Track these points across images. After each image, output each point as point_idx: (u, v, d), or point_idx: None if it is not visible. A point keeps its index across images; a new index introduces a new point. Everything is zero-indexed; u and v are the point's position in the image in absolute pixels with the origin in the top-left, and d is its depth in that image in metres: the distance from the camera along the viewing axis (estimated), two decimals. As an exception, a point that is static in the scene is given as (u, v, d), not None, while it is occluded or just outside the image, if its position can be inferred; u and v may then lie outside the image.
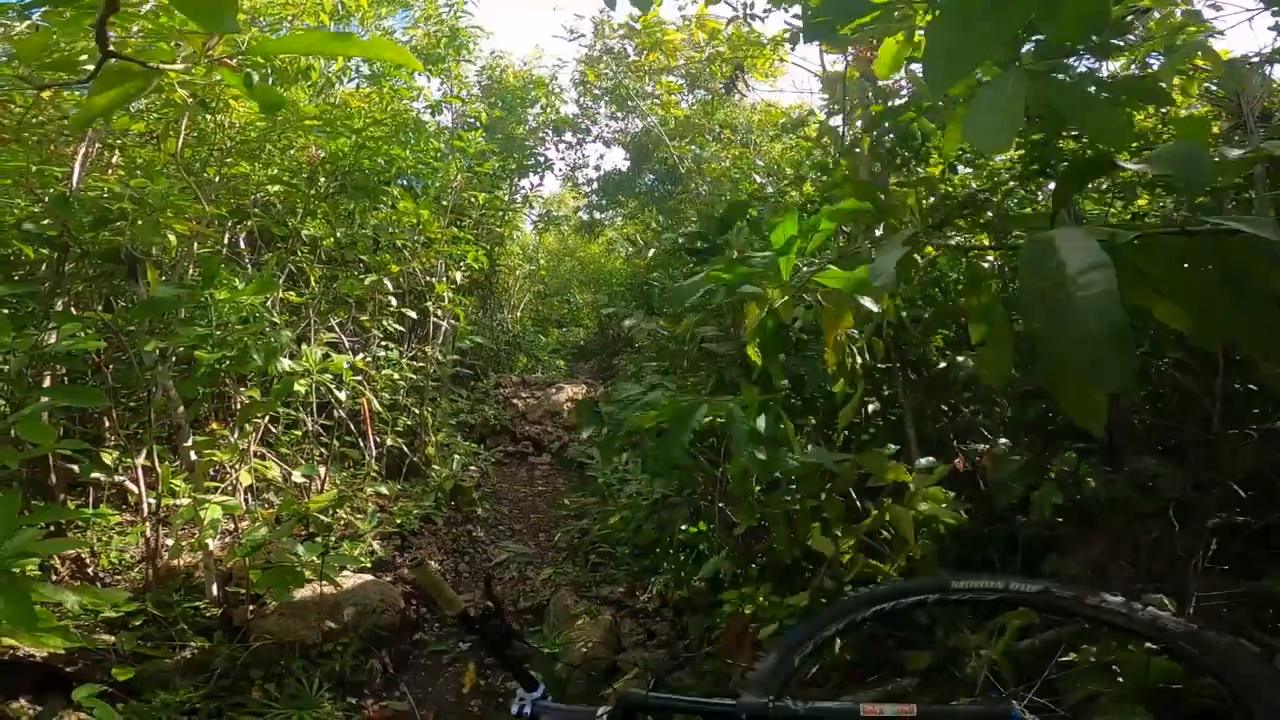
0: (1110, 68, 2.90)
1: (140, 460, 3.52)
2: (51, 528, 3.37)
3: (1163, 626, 1.53)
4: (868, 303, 1.94)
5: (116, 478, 3.79)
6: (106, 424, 4.02)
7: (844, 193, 2.14)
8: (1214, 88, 2.81)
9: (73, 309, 3.64)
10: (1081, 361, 0.79)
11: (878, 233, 2.36)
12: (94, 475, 3.68)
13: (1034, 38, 1.49)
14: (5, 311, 3.01)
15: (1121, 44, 2.35)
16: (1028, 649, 1.94)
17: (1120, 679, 1.69)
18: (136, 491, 3.56)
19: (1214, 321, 1.00)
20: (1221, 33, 2.62)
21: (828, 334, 1.91)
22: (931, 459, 2.40)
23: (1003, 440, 2.50)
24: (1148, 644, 1.63)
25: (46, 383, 3.52)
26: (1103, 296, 0.79)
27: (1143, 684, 1.66)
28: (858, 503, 2.49)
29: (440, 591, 1.43)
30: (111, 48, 0.80)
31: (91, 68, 0.86)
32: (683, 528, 3.77)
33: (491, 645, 1.41)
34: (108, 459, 3.67)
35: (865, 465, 2.24)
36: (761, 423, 2.12)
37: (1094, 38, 2.09)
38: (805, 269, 1.67)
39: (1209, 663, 1.46)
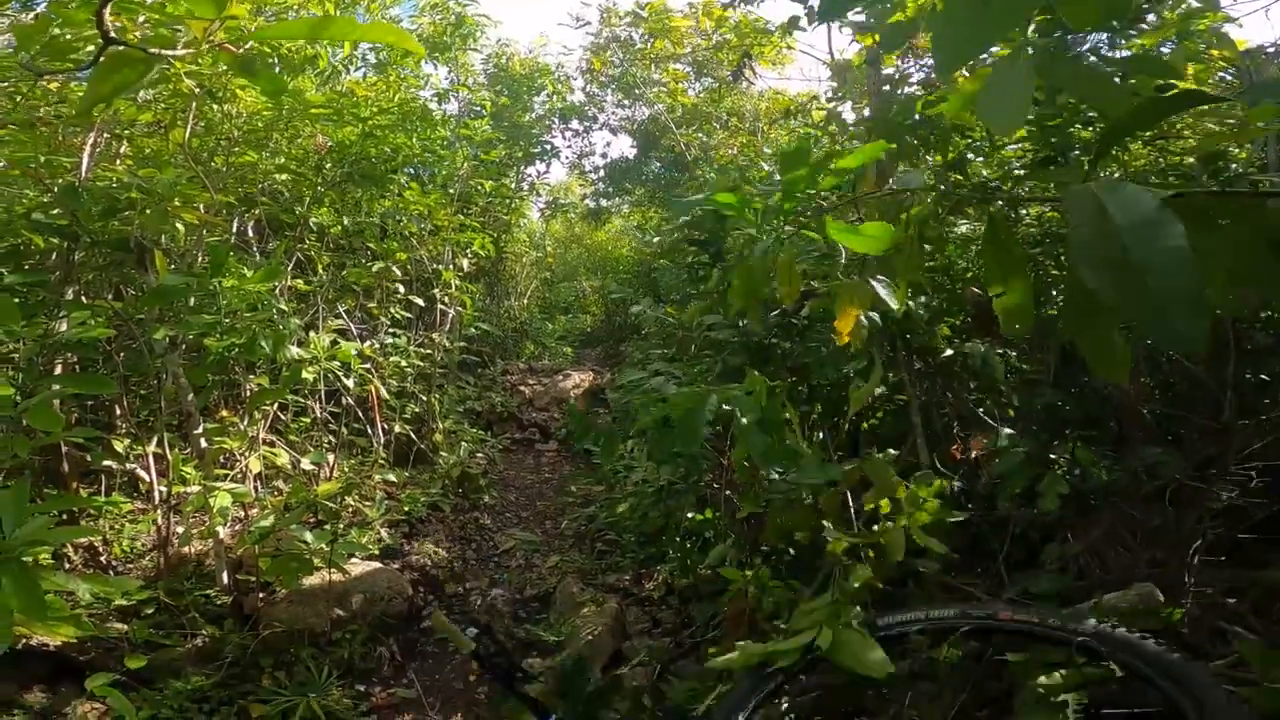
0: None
1: (151, 448, 3.55)
2: (65, 515, 3.40)
3: (1076, 630, 1.57)
4: (881, 291, 1.92)
5: (128, 465, 3.83)
6: (118, 412, 4.05)
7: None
8: (1229, 76, 2.77)
9: (83, 297, 3.67)
10: (1152, 322, 0.77)
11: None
12: (106, 463, 3.72)
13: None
14: (16, 300, 3.03)
15: (1134, 31, 2.32)
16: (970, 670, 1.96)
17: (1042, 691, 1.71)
18: (148, 479, 3.59)
19: (1244, 287, 0.97)
20: (1239, 21, 2.59)
21: (842, 315, 1.88)
22: (928, 473, 2.38)
23: (1007, 430, 2.49)
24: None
25: (58, 371, 3.55)
26: (1173, 253, 0.76)
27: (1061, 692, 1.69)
28: (851, 510, 2.47)
29: (452, 634, 1.54)
30: (112, 35, 0.80)
31: (94, 56, 0.86)
32: (689, 515, 3.78)
33: (501, 679, 1.50)
34: (119, 447, 3.70)
35: (867, 473, 2.21)
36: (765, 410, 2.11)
37: (1114, 22, 2.06)
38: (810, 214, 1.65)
39: (1133, 666, 1.50)
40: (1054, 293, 2.88)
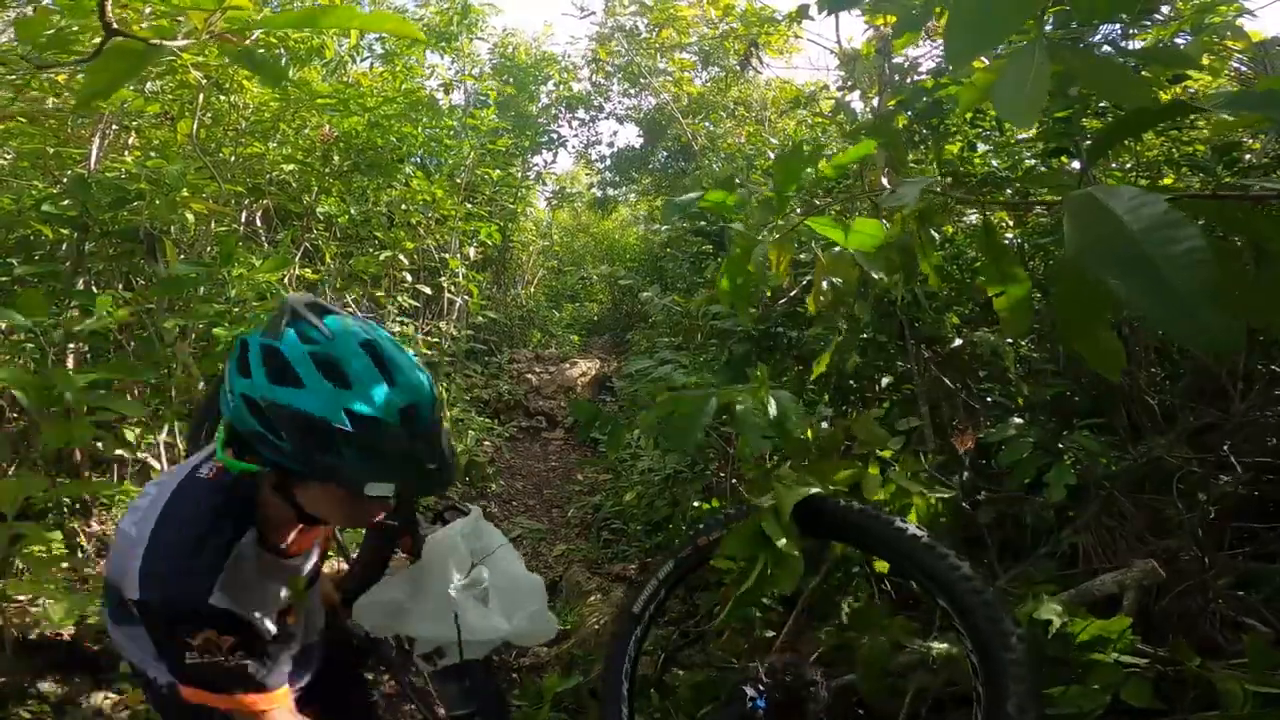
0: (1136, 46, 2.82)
1: (162, 436, 3.57)
2: (78, 503, 3.44)
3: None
4: (863, 261, 1.89)
5: (139, 454, 3.85)
6: (128, 400, 4.07)
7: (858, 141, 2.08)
8: (1244, 69, 2.73)
9: (94, 288, 3.69)
10: (1181, 327, 0.73)
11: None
12: (117, 452, 3.74)
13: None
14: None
15: (1148, 23, 2.29)
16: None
17: None
18: (159, 468, 3.61)
19: (1237, 295, 0.96)
20: (1253, 13, 2.55)
21: (815, 283, 1.84)
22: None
23: (1015, 419, 2.48)
24: None
25: (70, 361, 3.57)
26: (1195, 253, 0.74)
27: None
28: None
29: None
30: (114, 25, 0.80)
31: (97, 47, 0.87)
32: (695, 504, 3.78)
33: None
34: (130, 436, 3.73)
35: (855, 431, 2.17)
36: (773, 407, 2.08)
37: (1123, 15, 2.03)
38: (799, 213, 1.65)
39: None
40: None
